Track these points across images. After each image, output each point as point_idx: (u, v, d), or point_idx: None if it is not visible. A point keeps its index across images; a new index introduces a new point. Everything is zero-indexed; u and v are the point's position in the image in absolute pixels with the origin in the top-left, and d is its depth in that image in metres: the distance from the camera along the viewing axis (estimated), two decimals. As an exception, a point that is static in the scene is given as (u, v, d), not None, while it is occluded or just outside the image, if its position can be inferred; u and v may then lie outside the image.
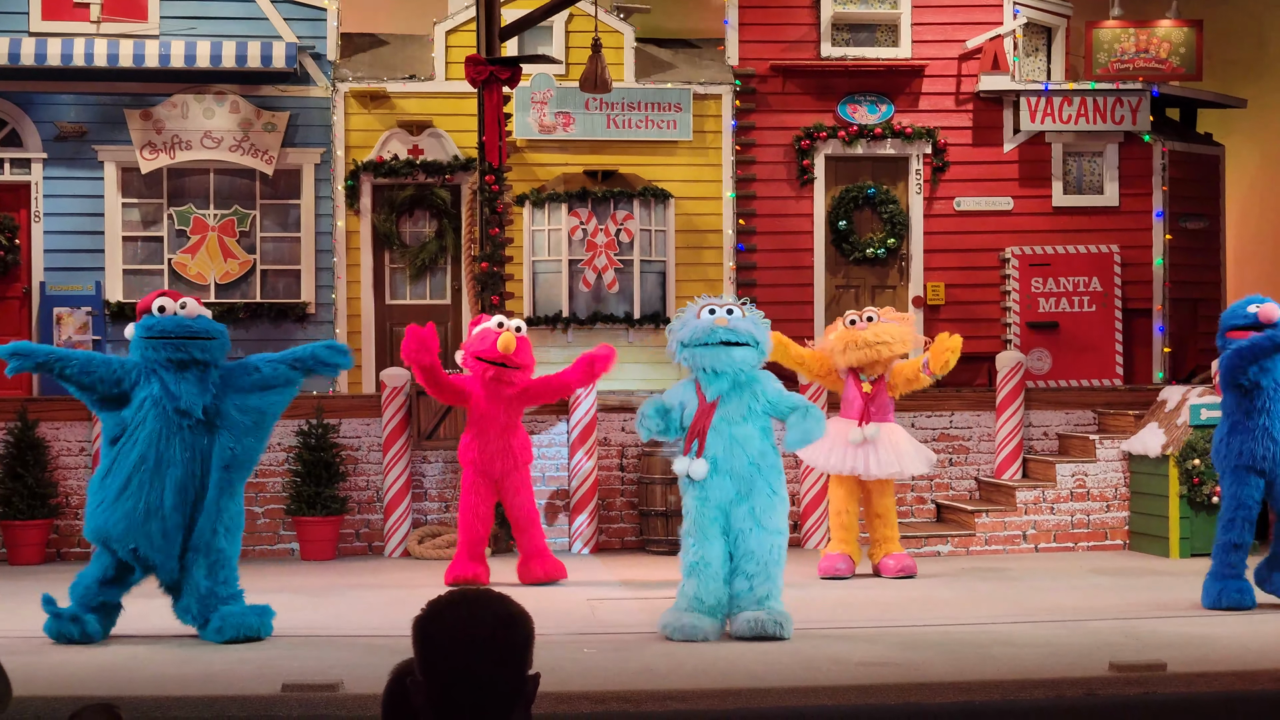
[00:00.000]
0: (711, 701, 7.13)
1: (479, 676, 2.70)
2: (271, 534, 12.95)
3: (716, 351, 8.76)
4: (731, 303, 9.05)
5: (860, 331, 11.46)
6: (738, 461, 8.74)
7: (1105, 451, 13.16)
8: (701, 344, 8.78)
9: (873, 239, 15.96)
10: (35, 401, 13.36)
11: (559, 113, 15.31)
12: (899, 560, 11.47)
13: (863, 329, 11.48)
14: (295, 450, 12.92)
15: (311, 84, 15.39)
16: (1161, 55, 16.00)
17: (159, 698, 7.03)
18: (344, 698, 6.95)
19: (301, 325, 15.30)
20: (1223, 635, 8.74)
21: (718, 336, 8.75)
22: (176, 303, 8.98)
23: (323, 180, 15.37)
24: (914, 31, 16.03)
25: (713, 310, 8.90)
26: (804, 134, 15.87)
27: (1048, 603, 10.17)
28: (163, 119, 15.11)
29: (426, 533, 12.96)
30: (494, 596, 2.82)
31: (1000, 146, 16.11)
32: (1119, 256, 15.73)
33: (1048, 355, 15.51)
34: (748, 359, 8.85)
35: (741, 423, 8.81)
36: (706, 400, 8.83)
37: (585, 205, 15.26)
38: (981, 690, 7.28)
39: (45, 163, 15.13)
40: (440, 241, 15.46)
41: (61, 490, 12.85)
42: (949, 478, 13.80)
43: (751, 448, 8.79)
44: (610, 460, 13.32)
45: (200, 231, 15.27)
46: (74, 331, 14.64)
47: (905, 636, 8.87)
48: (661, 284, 15.47)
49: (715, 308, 8.93)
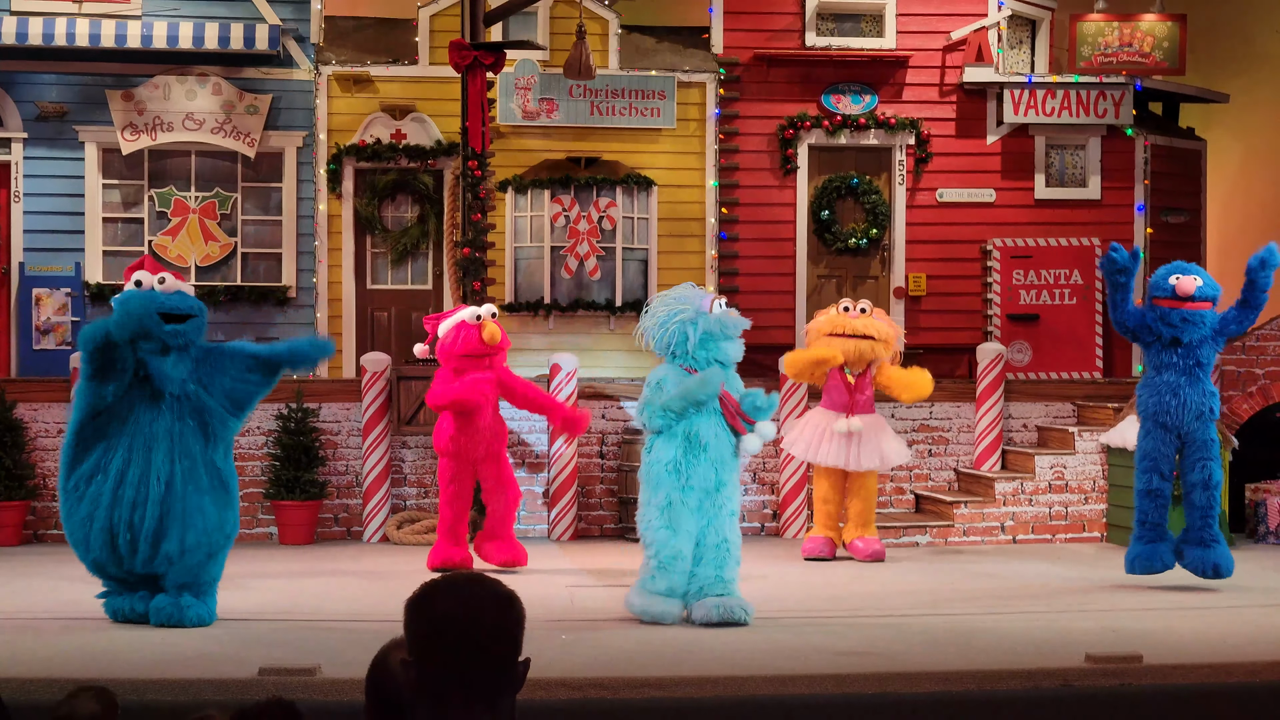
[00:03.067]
0: (690, 689, 7.14)
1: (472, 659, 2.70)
2: (250, 518, 12.91)
3: (739, 345, 9.03)
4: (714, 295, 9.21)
5: (851, 319, 11.66)
6: (723, 450, 8.83)
7: (1084, 444, 13.20)
8: (728, 337, 8.94)
9: (855, 229, 15.97)
10: (13, 382, 13.30)
11: (543, 99, 15.27)
12: (868, 544, 11.70)
13: (854, 317, 11.71)
14: (274, 434, 12.89)
15: (294, 67, 15.33)
16: (1145, 49, 16.02)
17: (135, 680, 7.01)
18: (322, 682, 6.94)
19: (282, 309, 15.26)
20: (1199, 628, 8.78)
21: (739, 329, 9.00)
22: (155, 277, 8.80)
23: (305, 164, 15.31)
24: (899, 22, 16.04)
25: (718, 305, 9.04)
26: (787, 123, 15.87)
27: (1025, 594, 10.21)
28: (144, 100, 15.03)
29: (405, 518, 12.94)
30: (487, 580, 2.82)
31: (983, 138, 16.13)
32: (1100, 249, 15.75)
33: (1028, 347, 15.55)
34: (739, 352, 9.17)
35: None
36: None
37: (568, 192, 15.24)
38: (959, 680, 7.30)
39: (25, 142, 15.04)
40: (422, 226, 15.42)
41: (39, 472, 12.79)
42: (928, 469, 13.83)
43: (731, 437, 8.91)
44: (590, 448, 13.31)
45: (181, 214, 15.21)
46: (53, 312, 14.58)
47: (884, 626, 8.89)
48: (644, 272, 15.46)
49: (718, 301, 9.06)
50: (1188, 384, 10.05)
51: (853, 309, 11.82)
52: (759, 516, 13.47)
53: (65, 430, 8.99)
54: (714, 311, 8.93)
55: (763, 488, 13.50)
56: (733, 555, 8.84)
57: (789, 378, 12.50)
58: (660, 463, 8.83)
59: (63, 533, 12.61)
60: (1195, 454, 10.13)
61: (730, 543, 8.84)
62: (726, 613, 8.65)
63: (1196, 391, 10.06)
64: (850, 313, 11.78)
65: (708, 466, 8.77)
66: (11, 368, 14.63)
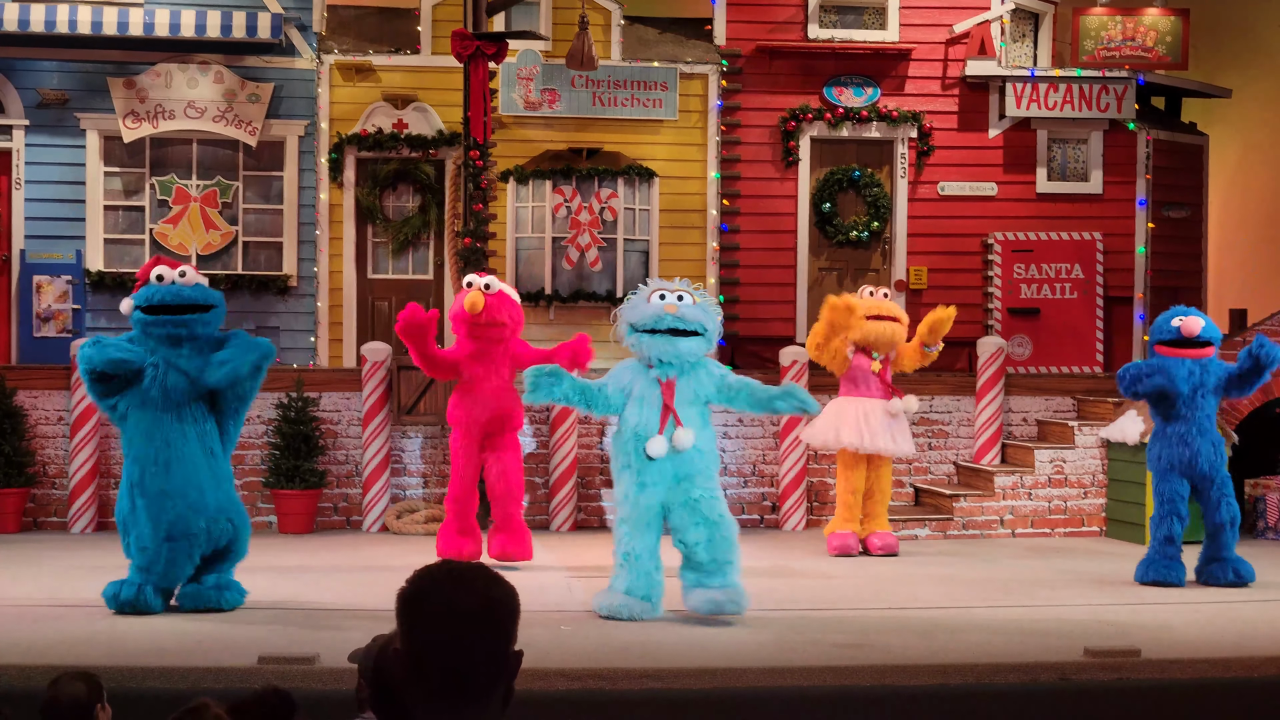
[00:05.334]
0: (688, 681, 7.15)
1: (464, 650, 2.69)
2: (250, 506, 12.90)
3: (662, 340, 8.75)
4: (682, 288, 8.98)
5: (879, 302, 11.80)
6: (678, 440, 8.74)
7: (1083, 438, 13.20)
8: (649, 330, 8.76)
9: (856, 222, 15.96)
10: (13, 370, 13.31)
11: (545, 89, 15.26)
12: (883, 538, 11.75)
13: (880, 300, 11.85)
14: (274, 423, 12.89)
15: (296, 55, 15.32)
16: (1148, 43, 16.01)
17: (135, 668, 7.02)
18: (321, 670, 6.96)
19: (283, 298, 15.25)
20: (1197, 623, 8.80)
21: (665, 324, 8.73)
22: (175, 271, 8.89)
23: (306, 152, 15.30)
24: (901, 15, 16.02)
25: (663, 295, 8.86)
26: (789, 115, 15.85)
27: (1023, 587, 10.22)
28: (146, 88, 15.02)
29: (404, 508, 12.95)
30: (481, 570, 2.81)
31: (985, 132, 16.12)
32: (1101, 244, 15.76)
33: (1028, 341, 15.55)
34: (694, 349, 8.86)
35: (688, 405, 8.83)
36: (663, 380, 8.83)
37: (569, 182, 15.23)
38: (957, 673, 7.32)
39: (27, 130, 15.03)
40: (423, 216, 15.41)
41: (39, 459, 12.80)
42: (928, 461, 13.83)
43: (696, 432, 8.78)
44: (590, 439, 13.32)
45: (182, 202, 15.20)
46: (54, 300, 14.58)
47: (882, 619, 8.90)
48: (645, 263, 15.45)
49: (665, 293, 8.88)
50: (1197, 435, 10.19)
51: (875, 293, 11.96)
52: (758, 509, 13.48)
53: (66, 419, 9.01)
54: (650, 304, 8.83)
55: (761, 480, 13.50)
56: (723, 536, 8.63)
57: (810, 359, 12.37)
58: (616, 461, 8.89)
59: (62, 519, 12.74)
60: (1215, 494, 10.26)
61: (717, 525, 8.61)
62: (715, 607, 8.56)
63: (1207, 441, 10.20)
64: (874, 294, 11.92)
65: (663, 464, 8.66)
66: (12, 355, 14.63)
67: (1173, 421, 10.26)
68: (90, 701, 4.97)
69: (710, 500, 8.70)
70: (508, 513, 10.86)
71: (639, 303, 8.94)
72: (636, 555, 8.68)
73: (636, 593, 8.66)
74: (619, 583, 8.73)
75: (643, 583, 8.67)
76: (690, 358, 8.84)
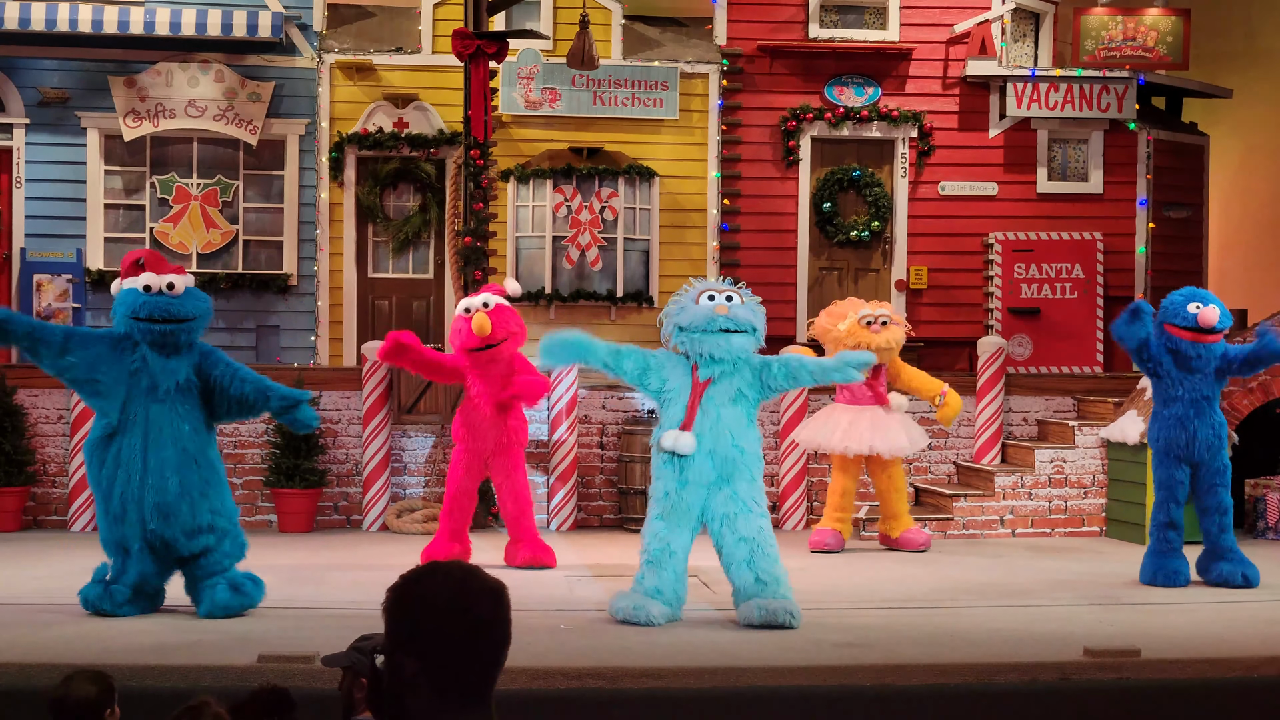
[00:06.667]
0: (688, 680, 7.15)
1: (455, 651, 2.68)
2: (250, 505, 12.92)
3: (717, 339, 8.72)
4: (730, 289, 8.97)
5: (874, 336, 11.70)
6: (722, 444, 8.66)
7: (1084, 438, 13.19)
8: (702, 331, 8.74)
9: (857, 222, 15.97)
10: (13, 368, 13.30)
11: (545, 89, 15.26)
12: (919, 534, 11.99)
13: (877, 332, 11.74)
14: (274, 422, 12.87)
15: (297, 54, 15.32)
16: (1149, 44, 16.01)
17: (135, 666, 7.02)
18: (321, 670, 6.94)
19: (283, 297, 15.26)
20: (1196, 622, 8.79)
21: (718, 324, 8.71)
22: (163, 281, 8.76)
23: (307, 152, 15.31)
24: (902, 14, 16.02)
25: (712, 297, 8.86)
26: (790, 115, 15.86)
27: (1023, 587, 10.21)
28: (147, 86, 15.02)
29: (405, 507, 12.95)
30: (467, 568, 2.79)
31: (986, 132, 16.12)
32: (1102, 244, 15.76)
33: (1029, 341, 15.55)
34: (746, 346, 8.83)
35: (730, 405, 8.75)
36: (700, 379, 8.81)
37: (570, 182, 15.24)
38: (956, 673, 7.31)
39: (27, 128, 15.04)
40: (424, 215, 15.42)
41: (39, 458, 12.80)
42: (928, 461, 13.83)
43: (737, 431, 8.72)
44: (590, 438, 13.31)
45: (183, 201, 15.20)
46: (54, 298, 14.58)
47: (881, 619, 8.90)
48: (645, 262, 15.45)
49: (714, 294, 8.88)
50: (1196, 416, 10.13)
51: (874, 323, 11.81)
52: (758, 508, 13.46)
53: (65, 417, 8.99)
54: (700, 305, 8.85)
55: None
56: (763, 552, 8.53)
57: None
58: (656, 458, 8.80)
59: (62, 518, 12.74)
60: (1208, 480, 10.23)
61: (753, 541, 8.54)
62: (769, 615, 8.39)
63: (1205, 424, 10.15)
64: (873, 327, 11.76)
65: (704, 463, 8.63)
66: (12, 353, 14.62)
67: (1171, 404, 10.18)
68: (100, 705, 4.88)
69: (747, 516, 8.61)
70: (524, 526, 10.88)
71: (687, 304, 8.90)
72: (671, 552, 8.58)
73: (664, 595, 8.53)
74: (645, 582, 8.58)
75: (671, 584, 8.56)
76: (741, 354, 8.82)
